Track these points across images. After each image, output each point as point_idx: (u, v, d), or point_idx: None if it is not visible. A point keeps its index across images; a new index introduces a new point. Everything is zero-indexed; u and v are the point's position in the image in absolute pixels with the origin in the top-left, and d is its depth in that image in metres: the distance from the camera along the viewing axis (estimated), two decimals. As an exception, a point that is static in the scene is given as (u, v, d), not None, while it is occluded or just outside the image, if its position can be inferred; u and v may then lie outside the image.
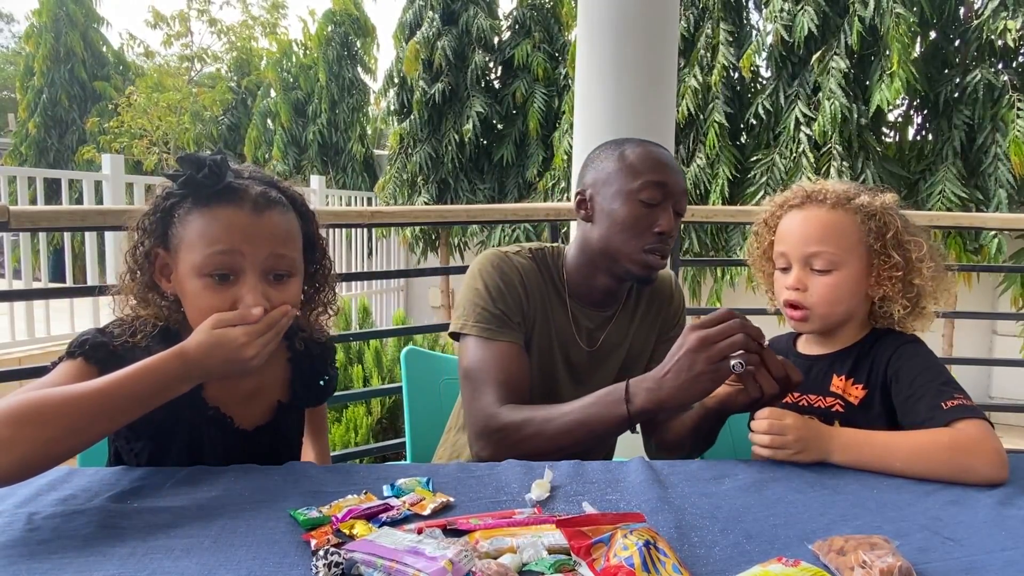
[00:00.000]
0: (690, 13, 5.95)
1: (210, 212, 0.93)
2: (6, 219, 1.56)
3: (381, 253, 7.66)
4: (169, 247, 0.96)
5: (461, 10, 7.26)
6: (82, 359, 0.93)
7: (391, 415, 3.75)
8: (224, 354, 0.87)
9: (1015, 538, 0.77)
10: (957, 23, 5.50)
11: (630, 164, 1.22)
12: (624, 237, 1.20)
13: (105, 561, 0.69)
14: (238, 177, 0.97)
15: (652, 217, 1.20)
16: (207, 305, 0.91)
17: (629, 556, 0.66)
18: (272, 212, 0.95)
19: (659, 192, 1.20)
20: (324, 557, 0.66)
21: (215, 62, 13.20)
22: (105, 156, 5.19)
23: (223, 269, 0.92)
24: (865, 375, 1.13)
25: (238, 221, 0.92)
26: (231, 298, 0.91)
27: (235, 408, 1.02)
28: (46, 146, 10.86)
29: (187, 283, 0.93)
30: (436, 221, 2.96)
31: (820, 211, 1.15)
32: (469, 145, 7.15)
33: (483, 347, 1.17)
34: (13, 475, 0.79)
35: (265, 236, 0.93)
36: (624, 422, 1.01)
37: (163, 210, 0.96)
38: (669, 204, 1.21)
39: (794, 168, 5.47)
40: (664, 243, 1.21)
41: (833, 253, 1.12)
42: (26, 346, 4.23)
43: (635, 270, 1.22)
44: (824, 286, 1.13)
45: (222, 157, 0.95)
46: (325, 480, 0.89)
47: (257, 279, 0.92)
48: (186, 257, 0.93)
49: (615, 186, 1.22)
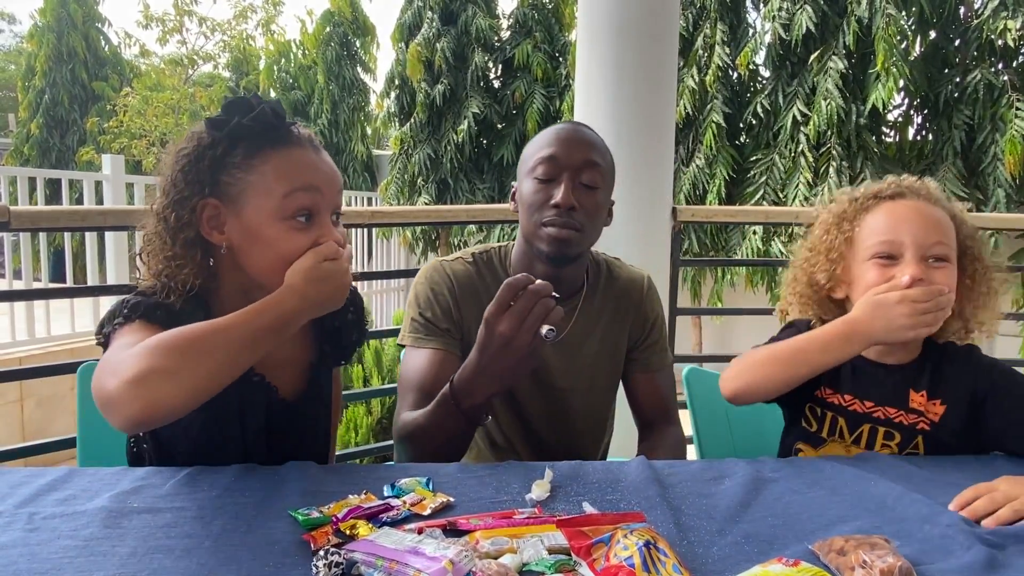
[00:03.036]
0: (688, 13, 5.95)
1: (278, 155, 0.91)
2: (7, 219, 1.56)
3: (381, 253, 7.66)
4: (223, 196, 0.92)
5: (460, 10, 7.26)
6: (142, 320, 0.90)
7: (391, 415, 3.74)
8: (334, 286, 0.89)
9: (1015, 538, 0.77)
10: (957, 23, 5.50)
11: (531, 147, 1.24)
12: (527, 216, 1.21)
13: (105, 561, 0.69)
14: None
15: (548, 191, 1.19)
16: (295, 247, 0.90)
17: (629, 556, 0.66)
18: (324, 153, 0.97)
19: (550, 165, 1.19)
20: (324, 557, 0.66)
21: (209, 61, 13.21)
22: (105, 156, 5.20)
23: (308, 209, 0.91)
24: (941, 391, 1.08)
25: (311, 161, 0.93)
26: (314, 238, 0.91)
27: (276, 376, 1.02)
28: (48, 146, 10.86)
29: (265, 230, 0.91)
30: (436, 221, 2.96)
31: (926, 204, 1.08)
32: (469, 145, 7.15)
33: (410, 355, 1.21)
34: (180, 405, 0.79)
35: (333, 175, 0.95)
36: (463, 421, 1.02)
37: (212, 159, 0.92)
38: (564, 176, 1.19)
39: (793, 168, 5.47)
40: (564, 216, 1.17)
41: (948, 246, 1.05)
42: (26, 346, 4.23)
43: (540, 245, 1.20)
44: (945, 278, 1.03)
45: (274, 101, 0.94)
46: (325, 480, 0.89)
47: (329, 219, 0.94)
48: (259, 203, 0.90)
49: (522, 169, 1.25)
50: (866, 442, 1.09)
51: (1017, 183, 5.03)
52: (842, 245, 1.11)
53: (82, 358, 1.39)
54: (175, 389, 0.77)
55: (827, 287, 1.14)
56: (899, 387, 1.09)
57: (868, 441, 1.09)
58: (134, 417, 0.77)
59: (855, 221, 1.11)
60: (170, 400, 0.77)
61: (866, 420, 1.10)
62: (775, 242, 5.48)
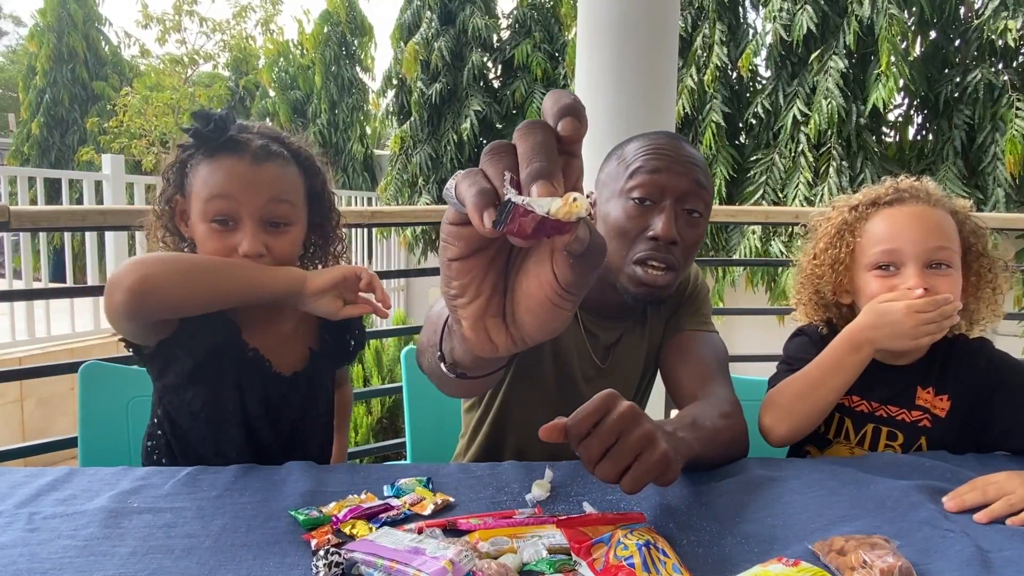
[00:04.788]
0: (687, 13, 5.95)
1: (214, 162, 1.00)
2: (6, 219, 1.56)
3: (381, 253, 7.66)
4: (185, 194, 1.03)
5: (458, 10, 7.26)
6: None
7: (391, 415, 3.75)
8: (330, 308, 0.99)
9: (1014, 538, 0.77)
10: (957, 23, 5.50)
11: (625, 158, 1.06)
12: (615, 245, 1.02)
13: (105, 561, 0.69)
14: (246, 132, 1.03)
15: (645, 218, 1.01)
16: (212, 249, 0.99)
17: (629, 556, 0.65)
18: (271, 163, 1.01)
19: (651, 186, 1.00)
20: (324, 557, 0.66)
21: (209, 60, 13.23)
22: (105, 156, 5.20)
23: (222, 215, 0.99)
24: (949, 385, 1.08)
25: (236, 170, 0.99)
26: (232, 243, 0.99)
27: (272, 352, 1.06)
28: (48, 146, 10.87)
29: (196, 228, 1.01)
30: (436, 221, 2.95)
31: (926, 207, 1.07)
32: (469, 145, 7.15)
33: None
34: (169, 287, 0.90)
35: (262, 185, 0.99)
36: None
37: (180, 160, 1.03)
38: (667, 203, 1.00)
39: (793, 168, 5.47)
40: (662, 252, 1.00)
41: (951, 250, 1.04)
42: (26, 346, 4.24)
43: (628, 286, 1.03)
44: (948, 285, 1.02)
45: (228, 113, 1.02)
46: (325, 480, 0.89)
47: (255, 226, 0.99)
48: (195, 204, 1.01)
49: (612, 186, 1.06)
50: (870, 443, 1.09)
51: (1017, 183, 5.03)
52: (846, 257, 1.11)
53: (82, 358, 1.39)
54: (168, 271, 0.91)
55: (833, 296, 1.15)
56: (907, 385, 1.10)
57: (872, 442, 1.09)
58: (131, 287, 0.88)
59: (856, 232, 1.11)
60: (162, 279, 0.90)
61: (870, 420, 1.10)
62: (775, 242, 5.48)
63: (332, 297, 0.99)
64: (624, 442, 0.70)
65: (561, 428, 0.70)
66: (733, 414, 0.99)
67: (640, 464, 0.70)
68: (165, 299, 0.91)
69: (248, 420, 1.04)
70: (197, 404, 1.02)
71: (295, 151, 1.07)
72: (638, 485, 0.70)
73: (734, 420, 0.98)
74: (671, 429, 0.82)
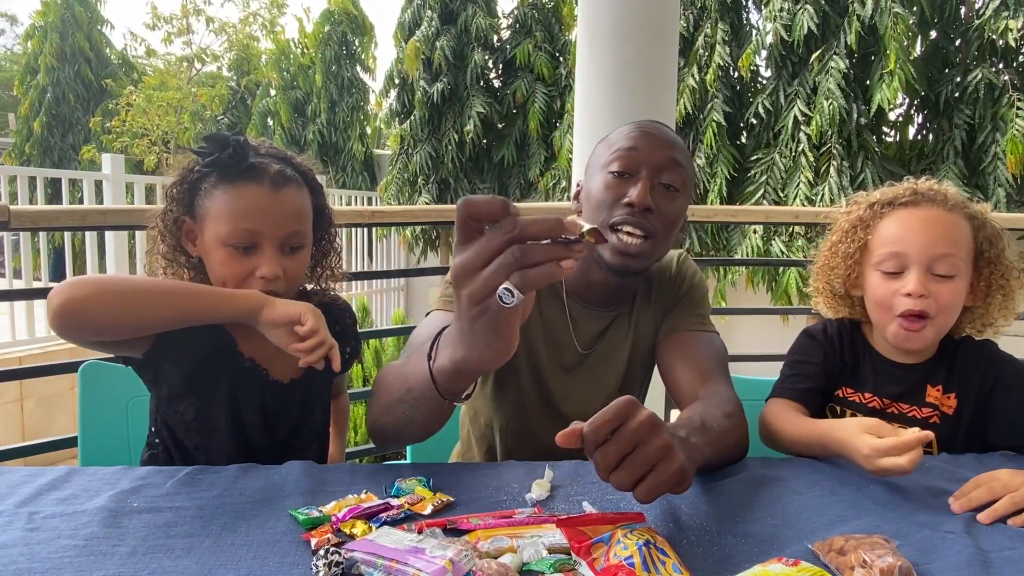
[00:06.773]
0: (689, 13, 5.95)
1: (234, 189, 1.01)
2: (6, 219, 1.56)
3: (381, 253, 7.66)
4: (195, 216, 1.04)
5: (460, 9, 7.26)
6: None
7: (391, 415, 3.75)
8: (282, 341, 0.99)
9: (1015, 538, 0.77)
10: (958, 23, 5.51)
11: (609, 140, 1.12)
12: (593, 214, 1.06)
13: (105, 561, 0.69)
14: (256, 154, 1.04)
15: (622, 188, 1.05)
16: (230, 273, 1.02)
17: (629, 556, 0.65)
18: (288, 189, 1.04)
19: (629, 159, 1.05)
20: (324, 557, 0.66)
21: (215, 61, 13.24)
22: (106, 156, 5.21)
23: (246, 242, 1.01)
24: (956, 384, 1.09)
25: (260, 198, 1.01)
26: (251, 267, 1.01)
27: (269, 361, 1.07)
28: (50, 145, 10.88)
29: (212, 251, 1.03)
30: (436, 221, 2.95)
31: (940, 211, 1.07)
32: (469, 145, 7.15)
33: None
34: (97, 309, 0.91)
35: (283, 213, 1.02)
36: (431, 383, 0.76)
37: (190, 182, 1.04)
38: (643, 173, 1.05)
39: (793, 167, 5.47)
40: (636, 217, 1.03)
41: (957, 257, 1.05)
42: (26, 346, 4.24)
43: (603, 252, 1.06)
44: (949, 293, 1.04)
45: (244, 139, 1.03)
46: (325, 480, 0.89)
47: (275, 251, 1.02)
48: (211, 227, 1.02)
49: (595, 165, 1.12)
50: None
51: (1018, 182, 5.04)
52: (856, 252, 1.13)
53: (82, 358, 1.39)
54: (94, 294, 0.91)
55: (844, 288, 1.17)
56: (917, 383, 1.11)
57: None
58: (56, 309, 0.89)
59: (869, 229, 1.13)
60: (86, 303, 0.90)
61: (882, 416, 1.10)
62: (775, 241, 5.48)
63: (286, 331, 0.98)
64: (642, 452, 0.69)
65: (578, 434, 0.69)
66: (736, 414, 1.00)
67: (656, 475, 0.69)
68: (88, 323, 0.91)
69: (243, 428, 1.05)
70: (190, 414, 1.04)
71: (303, 172, 1.09)
72: (653, 495, 0.70)
73: (737, 420, 0.99)
74: (684, 435, 0.82)
